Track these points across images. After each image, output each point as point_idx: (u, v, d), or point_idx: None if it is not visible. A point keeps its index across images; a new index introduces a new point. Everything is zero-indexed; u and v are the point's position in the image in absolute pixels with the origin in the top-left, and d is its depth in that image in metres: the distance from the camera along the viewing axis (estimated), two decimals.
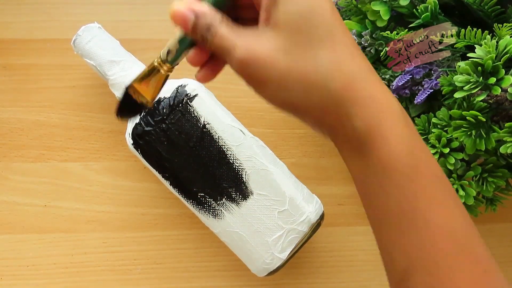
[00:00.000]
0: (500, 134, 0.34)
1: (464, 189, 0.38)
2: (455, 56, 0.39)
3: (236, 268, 0.45)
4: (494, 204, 0.41)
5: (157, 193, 0.47)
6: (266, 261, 0.39)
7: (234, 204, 0.39)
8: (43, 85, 0.48)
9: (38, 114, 0.48)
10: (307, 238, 0.41)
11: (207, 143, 0.39)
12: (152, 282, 0.45)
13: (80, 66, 0.48)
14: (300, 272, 0.46)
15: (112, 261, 0.45)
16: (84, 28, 0.42)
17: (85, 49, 0.42)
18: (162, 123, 0.38)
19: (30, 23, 0.49)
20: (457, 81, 0.33)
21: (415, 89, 0.40)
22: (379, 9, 0.40)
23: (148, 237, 0.46)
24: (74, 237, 0.45)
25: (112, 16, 0.49)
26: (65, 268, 0.45)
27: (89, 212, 0.46)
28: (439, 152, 0.37)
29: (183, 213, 0.46)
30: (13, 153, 0.47)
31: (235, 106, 0.47)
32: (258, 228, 0.39)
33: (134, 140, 0.39)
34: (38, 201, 0.46)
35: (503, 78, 0.32)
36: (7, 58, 0.48)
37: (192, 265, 0.46)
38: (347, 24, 0.43)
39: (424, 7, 0.38)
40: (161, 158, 0.39)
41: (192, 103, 0.39)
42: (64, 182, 0.46)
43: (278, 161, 0.41)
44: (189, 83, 0.40)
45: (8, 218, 0.45)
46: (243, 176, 0.39)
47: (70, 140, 0.47)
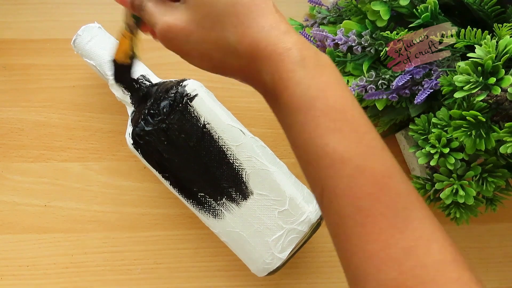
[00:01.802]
0: (500, 134, 0.34)
1: (464, 189, 0.38)
2: (455, 56, 0.39)
3: (236, 268, 0.45)
4: (494, 204, 0.41)
5: (157, 193, 0.47)
6: (266, 261, 0.39)
7: (234, 204, 0.39)
8: (43, 85, 0.48)
9: (38, 114, 0.48)
10: (307, 238, 0.41)
11: (207, 143, 0.39)
12: (152, 282, 0.45)
13: (80, 66, 0.48)
14: (300, 272, 0.46)
15: (112, 261, 0.45)
16: (84, 28, 0.42)
17: (85, 49, 0.42)
18: (162, 123, 0.38)
19: (30, 23, 0.49)
20: (457, 81, 0.33)
21: (415, 89, 0.40)
22: (379, 9, 0.40)
23: (148, 237, 0.46)
24: (74, 237, 0.45)
25: (112, 16, 0.49)
26: (65, 268, 0.45)
27: (89, 212, 0.46)
28: (439, 152, 0.37)
29: (183, 213, 0.46)
30: (13, 153, 0.47)
31: (235, 106, 0.47)
32: (258, 228, 0.39)
33: (134, 140, 0.39)
34: (38, 201, 0.46)
35: (503, 78, 0.32)
36: (7, 58, 0.48)
37: (192, 265, 0.46)
38: (347, 24, 0.43)
39: (424, 7, 0.38)
40: (161, 158, 0.39)
41: (192, 103, 0.39)
42: (64, 182, 0.46)
43: (278, 161, 0.41)
44: (189, 83, 0.40)
45: (8, 218, 0.45)
46: (243, 176, 0.39)
47: (70, 140, 0.47)
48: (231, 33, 0.24)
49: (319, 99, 0.23)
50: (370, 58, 0.42)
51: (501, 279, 0.47)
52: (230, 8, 0.24)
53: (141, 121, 0.39)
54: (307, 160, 0.24)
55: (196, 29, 0.25)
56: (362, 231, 0.22)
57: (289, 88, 0.23)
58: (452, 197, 0.38)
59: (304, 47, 0.24)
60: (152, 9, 0.27)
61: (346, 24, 0.43)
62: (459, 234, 0.47)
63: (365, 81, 0.41)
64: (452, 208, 0.40)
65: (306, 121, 0.23)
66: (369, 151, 0.23)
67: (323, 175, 0.23)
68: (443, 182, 0.39)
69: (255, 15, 0.24)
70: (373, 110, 0.44)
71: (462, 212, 0.40)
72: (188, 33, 0.26)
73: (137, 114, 0.40)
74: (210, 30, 0.25)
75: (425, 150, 0.38)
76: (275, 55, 0.24)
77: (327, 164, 0.23)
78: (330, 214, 0.24)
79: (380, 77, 0.40)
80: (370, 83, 0.40)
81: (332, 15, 0.46)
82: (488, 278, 0.47)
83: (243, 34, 0.24)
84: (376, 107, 0.42)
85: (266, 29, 0.24)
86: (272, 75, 0.24)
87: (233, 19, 0.24)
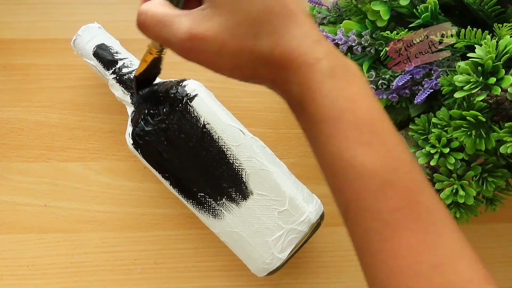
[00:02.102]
0: (500, 134, 0.34)
1: (464, 189, 0.38)
2: (455, 56, 0.39)
3: (236, 268, 0.45)
4: (494, 204, 0.40)
5: (157, 193, 0.47)
6: (266, 261, 0.39)
7: (234, 204, 0.39)
8: (43, 85, 0.48)
9: (38, 114, 0.48)
10: (307, 238, 0.41)
11: (207, 143, 0.39)
12: (152, 282, 0.45)
13: (80, 66, 0.48)
14: (300, 272, 0.46)
15: (112, 261, 0.45)
16: (84, 28, 0.42)
17: (85, 49, 0.42)
18: (162, 123, 0.38)
19: (30, 23, 0.49)
20: (457, 81, 0.33)
21: (415, 89, 0.40)
22: (379, 9, 0.40)
23: (148, 237, 0.46)
24: (74, 237, 0.45)
25: (112, 16, 0.49)
26: (65, 268, 0.45)
27: (89, 212, 0.46)
28: (439, 152, 0.37)
29: (183, 213, 0.46)
30: (13, 153, 0.47)
31: (235, 106, 0.47)
32: (258, 228, 0.39)
33: (134, 140, 0.39)
34: (38, 201, 0.46)
35: (503, 78, 0.32)
36: (7, 58, 0.48)
37: (192, 265, 0.46)
38: (347, 24, 0.43)
39: (424, 7, 0.38)
40: (161, 158, 0.39)
41: (192, 103, 0.39)
42: (64, 182, 0.46)
43: (278, 161, 0.41)
44: (189, 83, 0.40)
45: (8, 218, 0.45)
46: (243, 176, 0.39)
47: (70, 140, 0.47)
48: (265, 42, 0.23)
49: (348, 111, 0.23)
50: (370, 58, 0.42)
51: (501, 279, 0.47)
52: (265, 16, 0.23)
53: (141, 121, 0.39)
54: (332, 172, 0.24)
55: (231, 38, 0.24)
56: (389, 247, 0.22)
57: (317, 99, 0.23)
58: (452, 197, 0.38)
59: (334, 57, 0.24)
60: (164, 17, 0.25)
61: (346, 24, 0.43)
62: None
63: None
64: (452, 208, 0.40)
65: (334, 133, 0.23)
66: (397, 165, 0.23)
67: (349, 188, 0.23)
68: (443, 182, 0.39)
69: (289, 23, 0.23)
70: None
71: (462, 212, 0.40)
72: (222, 44, 0.24)
73: (137, 114, 0.40)
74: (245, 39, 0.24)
75: (425, 150, 0.38)
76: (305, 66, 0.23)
77: (354, 177, 0.23)
78: (355, 229, 0.23)
79: (380, 77, 0.40)
80: (370, 83, 0.40)
81: (332, 15, 0.46)
82: None
83: (276, 43, 0.23)
84: None
85: (298, 38, 0.23)
86: (300, 85, 0.23)
87: (268, 27, 0.23)
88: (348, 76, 0.24)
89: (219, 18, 0.24)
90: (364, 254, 0.23)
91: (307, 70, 0.23)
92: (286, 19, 0.23)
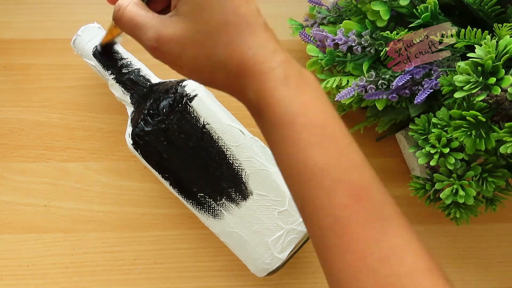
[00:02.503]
0: (500, 134, 0.34)
1: (464, 189, 0.38)
2: (455, 56, 0.39)
3: (236, 268, 0.45)
4: (494, 204, 0.41)
5: (157, 193, 0.47)
6: (266, 261, 0.39)
7: (233, 204, 0.39)
8: (43, 85, 0.48)
9: (38, 114, 0.48)
10: (307, 238, 0.41)
11: (207, 143, 0.39)
12: (152, 282, 0.45)
13: (80, 66, 0.48)
14: (300, 272, 0.46)
15: (112, 261, 0.45)
16: (84, 28, 0.42)
17: (85, 49, 0.42)
18: (162, 124, 0.38)
19: (30, 23, 0.49)
20: (457, 81, 0.33)
21: (415, 89, 0.40)
22: (379, 9, 0.40)
23: (148, 237, 0.46)
24: (74, 237, 0.45)
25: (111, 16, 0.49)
26: (65, 268, 0.45)
27: (89, 212, 0.46)
28: (439, 152, 0.37)
29: (183, 213, 0.46)
30: (13, 153, 0.47)
31: (235, 106, 0.46)
32: (257, 228, 0.39)
33: (134, 140, 0.39)
34: (38, 201, 0.46)
35: (503, 78, 0.32)
36: (7, 58, 0.48)
37: (192, 265, 0.46)
38: (347, 24, 0.43)
39: (424, 7, 0.38)
40: (160, 158, 0.39)
41: (192, 103, 0.39)
42: (64, 182, 0.46)
43: None
44: (188, 83, 0.40)
45: (8, 218, 0.45)
46: (243, 176, 0.39)
47: (70, 140, 0.47)
48: (222, 50, 0.25)
49: (300, 115, 0.24)
50: (370, 58, 0.42)
51: (501, 279, 0.47)
52: (223, 26, 0.25)
53: (140, 121, 0.39)
54: (289, 173, 0.25)
55: (191, 44, 0.26)
56: (341, 242, 0.23)
57: (272, 105, 0.24)
58: (452, 197, 0.38)
59: (289, 66, 0.25)
60: (138, 18, 0.27)
61: (346, 24, 0.43)
62: (459, 234, 0.47)
63: (365, 81, 0.40)
64: (452, 208, 0.40)
65: (288, 136, 0.24)
66: (348, 164, 0.24)
67: (304, 187, 0.24)
68: (443, 182, 0.39)
69: (245, 34, 0.25)
70: (373, 110, 0.44)
71: (462, 212, 0.40)
72: (183, 48, 0.26)
73: (136, 114, 0.40)
74: (203, 46, 0.26)
75: (425, 150, 0.38)
76: (260, 74, 0.25)
77: (308, 177, 0.24)
78: (311, 226, 0.25)
79: (380, 77, 0.40)
80: (370, 83, 0.40)
81: (332, 15, 0.46)
82: (488, 278, 0.47)
83: (233, 52, 0.25)
84: (376, 107, 0.42)
85: (254, 48, 0.25)
86: (256, 92, 0.25)
87: (224, 37, 0.25)
88: (302, 84, 0.25)
89: (182, 25, 0.26)
90: (320, 249, 0.25)
91: (261, 78, 0.25)
92: (243, 31, 0.25)
